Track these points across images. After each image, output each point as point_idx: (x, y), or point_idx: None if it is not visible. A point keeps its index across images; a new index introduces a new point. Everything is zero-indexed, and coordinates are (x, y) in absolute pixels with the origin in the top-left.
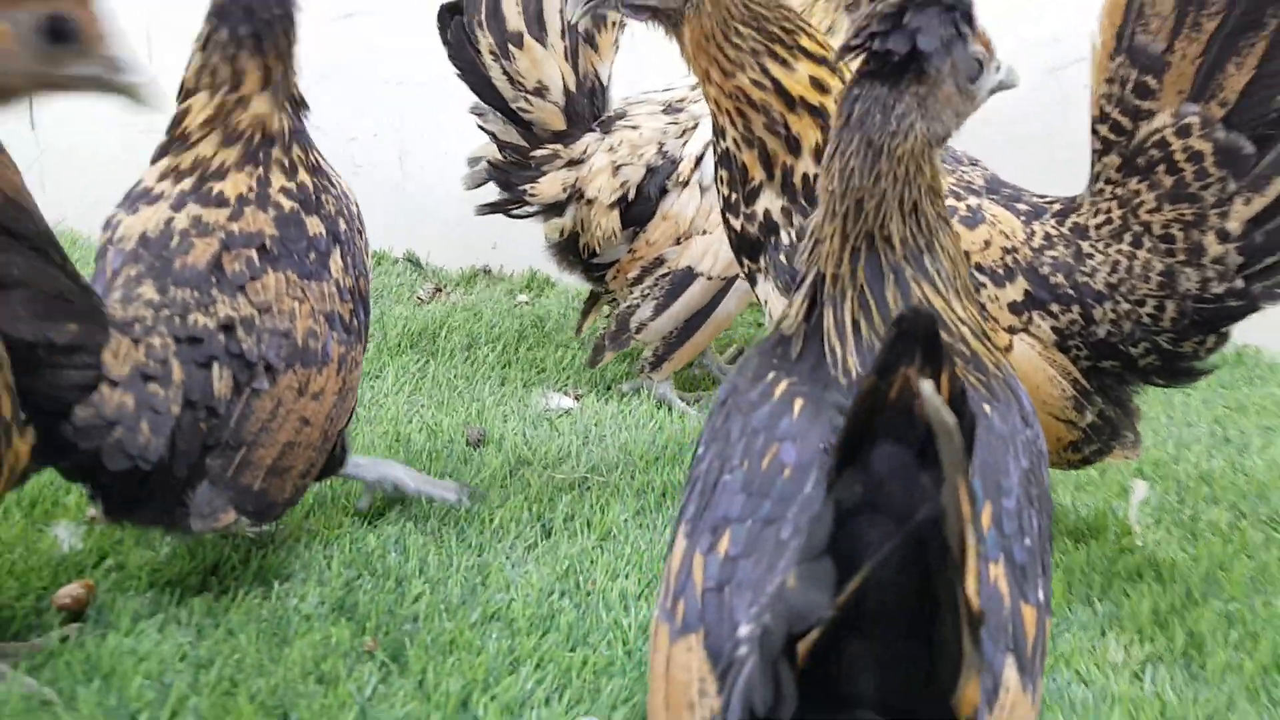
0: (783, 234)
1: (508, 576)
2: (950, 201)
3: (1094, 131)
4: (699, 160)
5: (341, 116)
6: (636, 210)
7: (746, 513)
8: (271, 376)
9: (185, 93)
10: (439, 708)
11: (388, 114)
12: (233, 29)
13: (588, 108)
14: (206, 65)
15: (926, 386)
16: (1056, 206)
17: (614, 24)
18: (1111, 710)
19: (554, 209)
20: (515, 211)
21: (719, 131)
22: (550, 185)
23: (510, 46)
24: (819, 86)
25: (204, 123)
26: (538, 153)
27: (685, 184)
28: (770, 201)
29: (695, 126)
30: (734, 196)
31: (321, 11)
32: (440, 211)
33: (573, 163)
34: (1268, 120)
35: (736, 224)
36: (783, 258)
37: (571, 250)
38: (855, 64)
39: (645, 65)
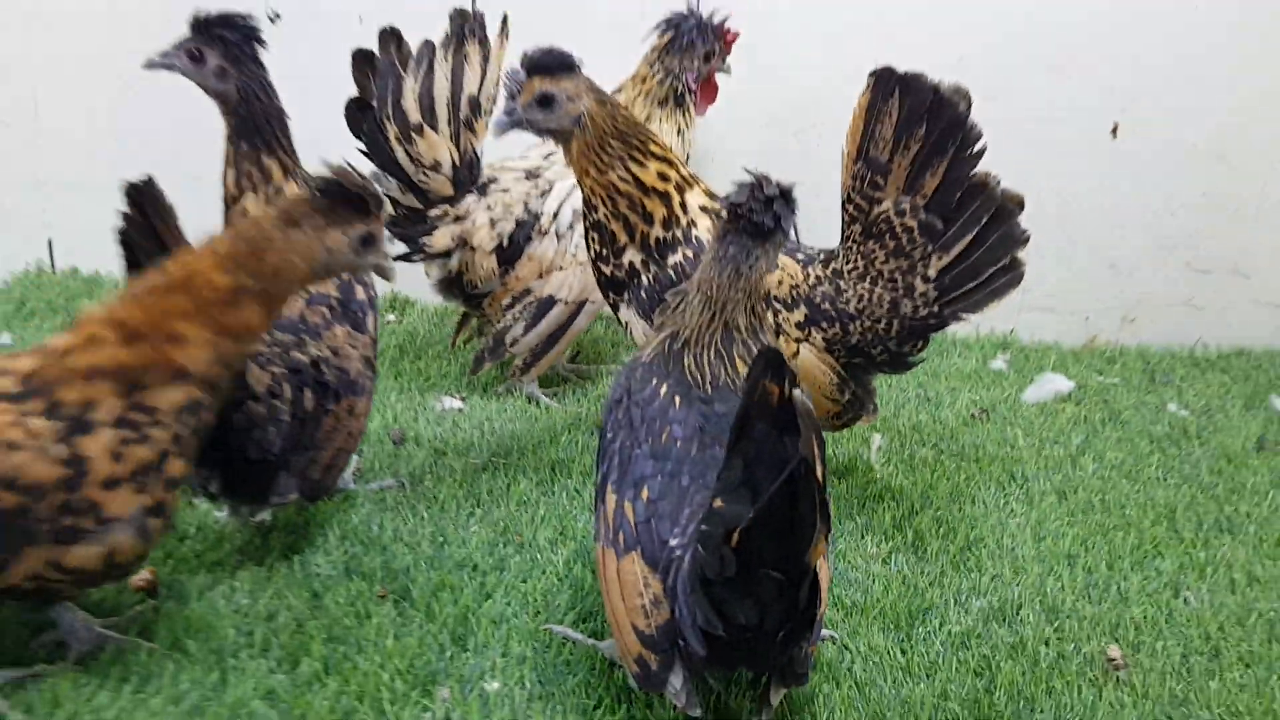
0: (643, 277)
1: (462, 536)
2: None
3: (844, 208)
4: (555, 215)
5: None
6: (509, 254)
7: (656, 471)
8: (336, 400)
9: (232, 199)
10: (445, 626)
11: None
12: (250, 142)
13: (467, 176)
14: (242, 173)
15: (797, 391)
16: (822, 256)
17: (487, 112)
18: (873, 583)
19: (443, 255)
20: (414, 258)
21: (591, 207)
22: (442, 238)
23: (412, 134)
24: (663, 177)
25: None
26: (432, 213)
27: (545, 233)
28: (633, 255)
29: (551, 189)
30: (605, 252)
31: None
32: None
33: (458, 219)
34: (950, 208)
35: (607, 270)
36: (643, 294)
37: (456, 285)
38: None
39: None
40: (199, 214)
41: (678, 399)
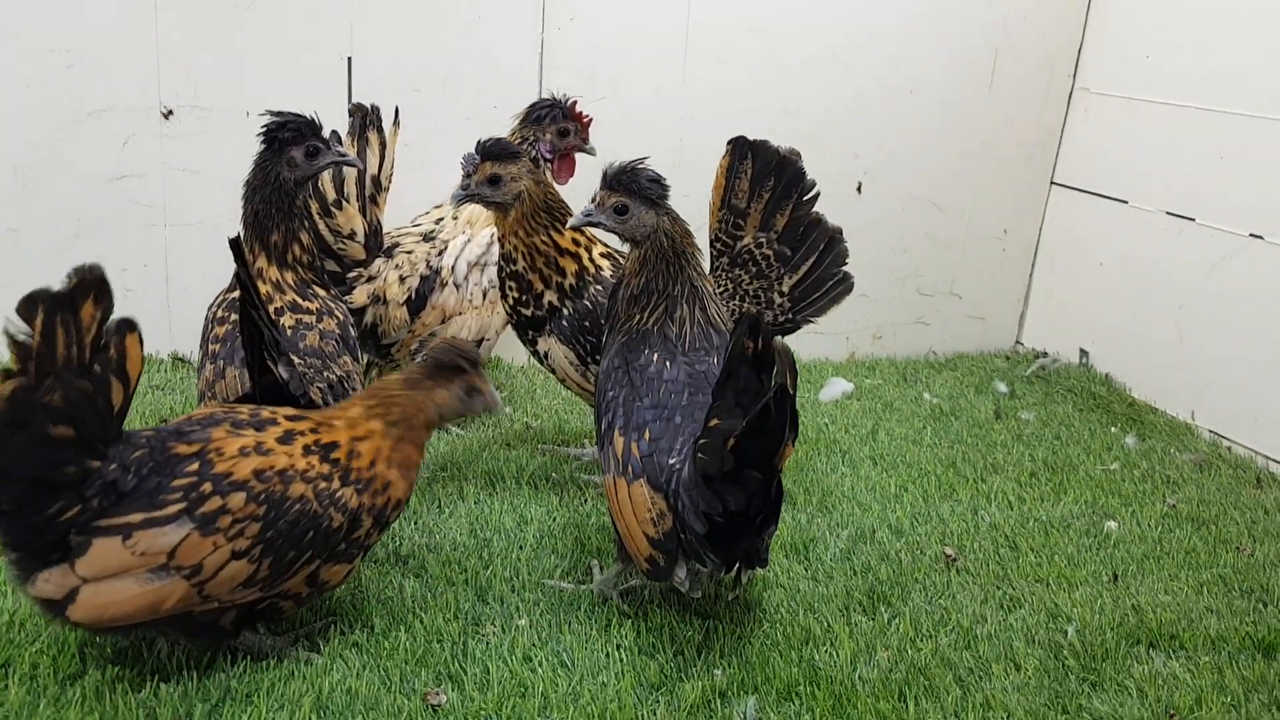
0: (564, 311)
1: (444, 527)
2: None
3: (712, 245)
4: (453, 268)
5: (120, 249)
6: (415, 305)
7: (655, 417)
8: None
9: None
10: (467, 588)
11: (154, 251)
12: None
13: (375, 242)
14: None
15: (778, 339)
16: None
17: (387, 188)
18: None
19: (360, 311)
20: None
21: (510, 260)
22: (360, 295)
23: (332, 209)
24: (575, 242)
25: None
26: (350, 275)
27: (446, 284)
28: (551, 297)
29: (446, 248)
30: (524, 297)
31: (100, 173)
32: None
33: (370, 279)
34: (796, 239)
35: (527, 312)
36: (565, 323)
37: (370, 337)
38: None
39: None
40: None
41: (668, 362)
